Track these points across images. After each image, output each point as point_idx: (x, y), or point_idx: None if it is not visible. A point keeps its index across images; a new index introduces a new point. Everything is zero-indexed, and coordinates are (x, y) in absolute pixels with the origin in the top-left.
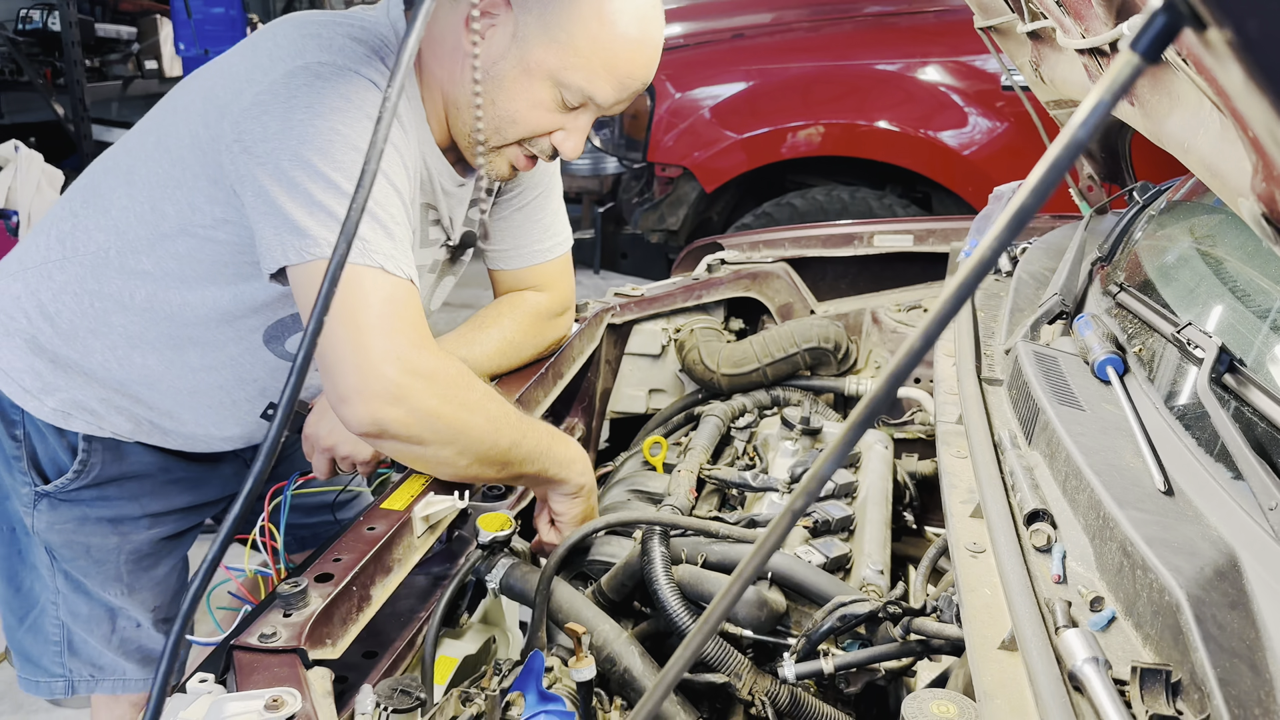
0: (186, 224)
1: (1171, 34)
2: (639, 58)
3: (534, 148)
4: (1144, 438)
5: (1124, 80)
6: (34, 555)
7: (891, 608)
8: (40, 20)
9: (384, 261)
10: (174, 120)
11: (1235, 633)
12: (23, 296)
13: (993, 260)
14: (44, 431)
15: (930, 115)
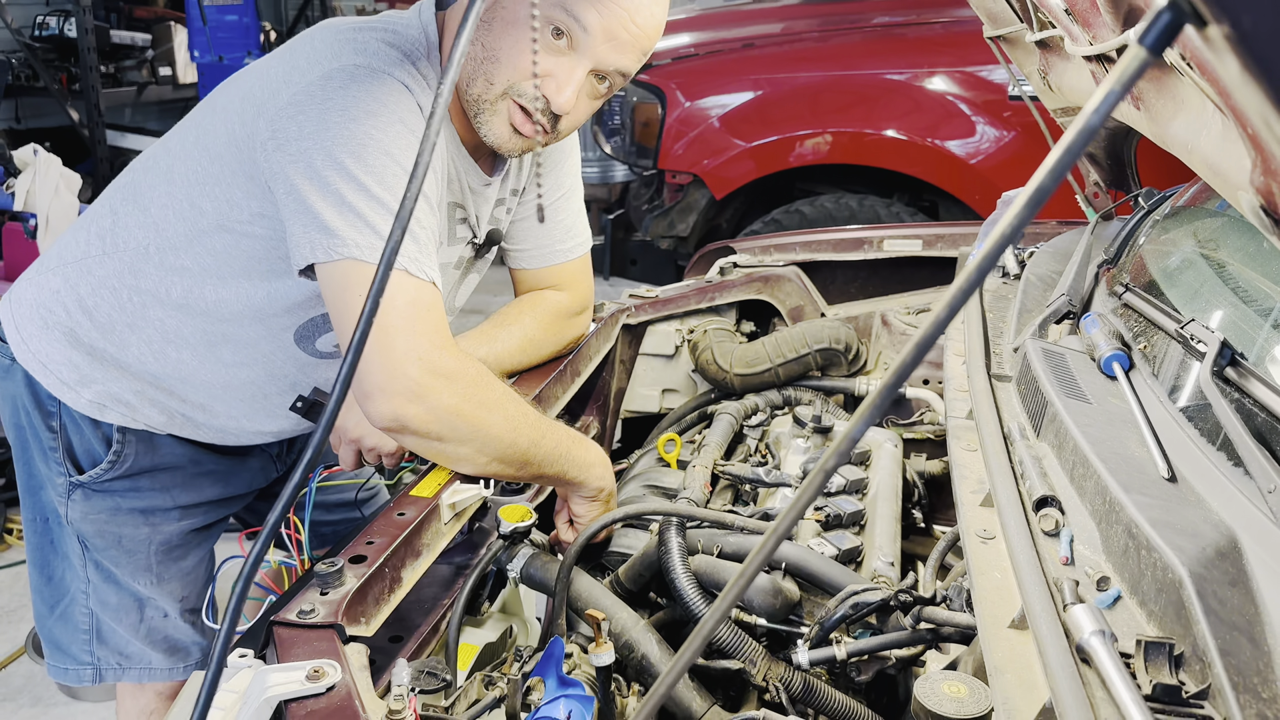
0: (224, 220)
1: (1176, 29)
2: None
3: (521, 97)
4: (1148, 428)
5: (1133, 72)
6: (66, 545)
7: (903, 596)
8: (57, 26)
9: (408, 264)
10: (212, 120)
11: (1235, 608)
12: (62, 290)
13: (1015, 234)
14: (80, 423)
15: (938, 124)
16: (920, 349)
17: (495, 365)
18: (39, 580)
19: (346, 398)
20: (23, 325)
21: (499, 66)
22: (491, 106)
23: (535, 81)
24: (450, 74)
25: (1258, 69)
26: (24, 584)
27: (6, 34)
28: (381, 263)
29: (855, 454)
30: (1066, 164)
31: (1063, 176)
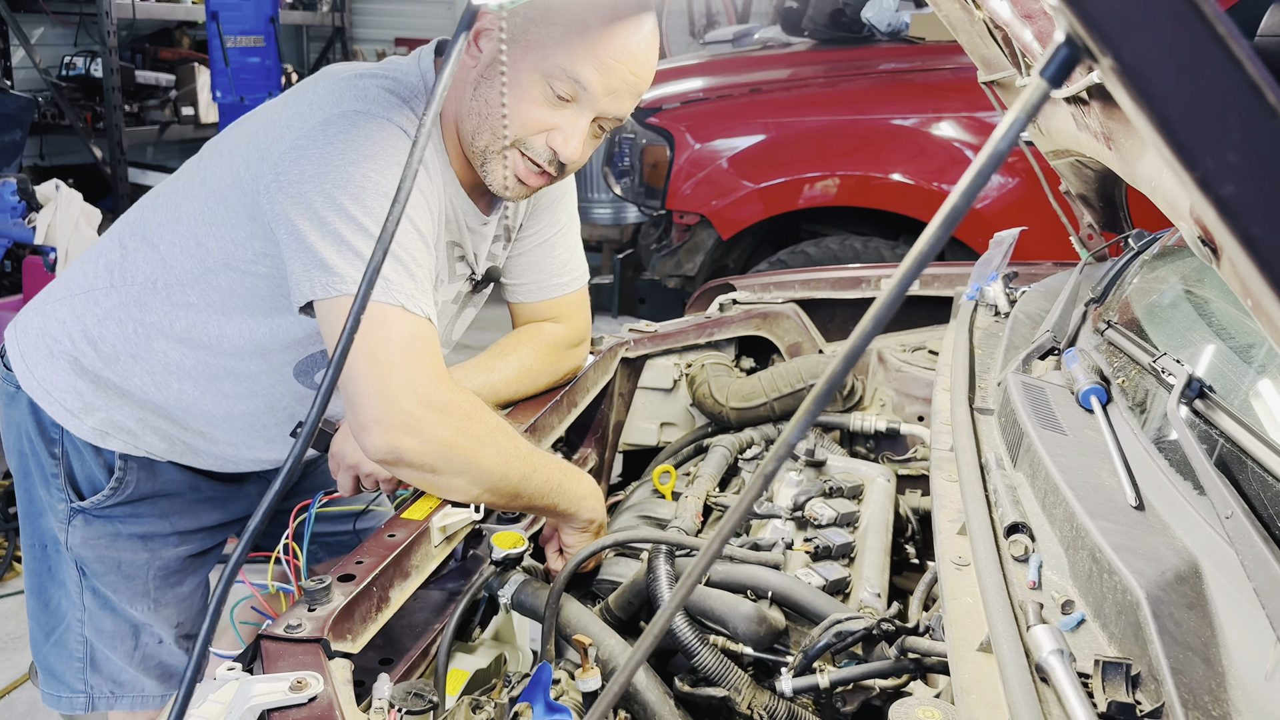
0: (229, 258)
1: (1073, 63)
2: (622, 44)
3: (530, 151)
4: (1119, 457)
5: (1035, 101)
6: (64, 572)
7: (885, 625)
8: (83, 66)
9: (404, 300)
10: (218, 161)
11: (1191, 629)
12: (68, 321)
13: (933, 250)
14: (81, 450)
15: (944, 169)
16: (849, 359)
17: (491, 395)
18: (36, 606)
19: (347, 425)
20: (28, 353)
21: (505, 123)
22: (499, 158)
23: (544, 137)
24: (432, 109)
25: (1140, 98)
26: None
27: (35, 73)
28: (361, 286)
29: (847, 488)
30: (978, 185)
31: (974, 198)
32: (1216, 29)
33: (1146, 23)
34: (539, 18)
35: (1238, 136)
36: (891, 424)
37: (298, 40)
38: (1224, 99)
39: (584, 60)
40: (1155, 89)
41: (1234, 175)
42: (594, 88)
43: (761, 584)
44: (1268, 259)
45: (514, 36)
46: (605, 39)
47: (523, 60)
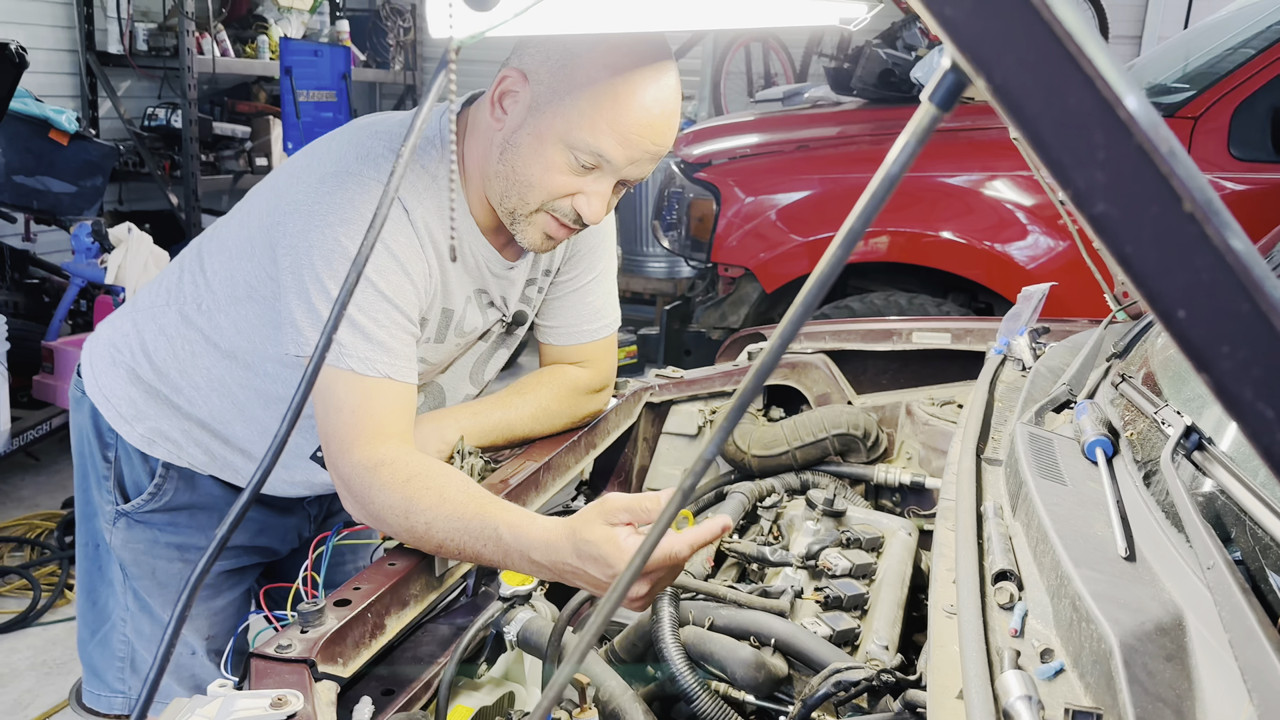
0: (253, 291)
1: (959, 88)
2: (645, 117)
3: (556, 213)
4: (1115, 506)
5: (926, 126)
6: (111, 571)
7: (885, 676)
8: (165, 118)
9: (354, 364)
10: (254, 201)
11: (1166, 681)
12: (130, 333)
13: (832, 274)
14: (131, 455)
15: (994, 228)
16: (748, 393)
17: (508, 430)
18: (85, 605)
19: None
20: (95, 361)
21: (532, 190)
22: (527, 219)
23: (569, 201)
24: (394, 179)
25: (1015, 118)
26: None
27: (119, 124)
28: (310, 362)
29: (866, 540)
30: (873, 210)
31: (870, 222)
32: (1069, 48)
33: (1011, 46)
34: (562, 88)
35: (1103, 155)
36: (917, 477)
37: (370, 97)
38: (1087, 118)
39: (606, 135)
40: (1026, 109)
41: (1102, 193)
42: (617, 160)
43: (765, 630)
44: (1140, 276)
45: (537, 105)
46: (627, 113)
47: (547, 130)
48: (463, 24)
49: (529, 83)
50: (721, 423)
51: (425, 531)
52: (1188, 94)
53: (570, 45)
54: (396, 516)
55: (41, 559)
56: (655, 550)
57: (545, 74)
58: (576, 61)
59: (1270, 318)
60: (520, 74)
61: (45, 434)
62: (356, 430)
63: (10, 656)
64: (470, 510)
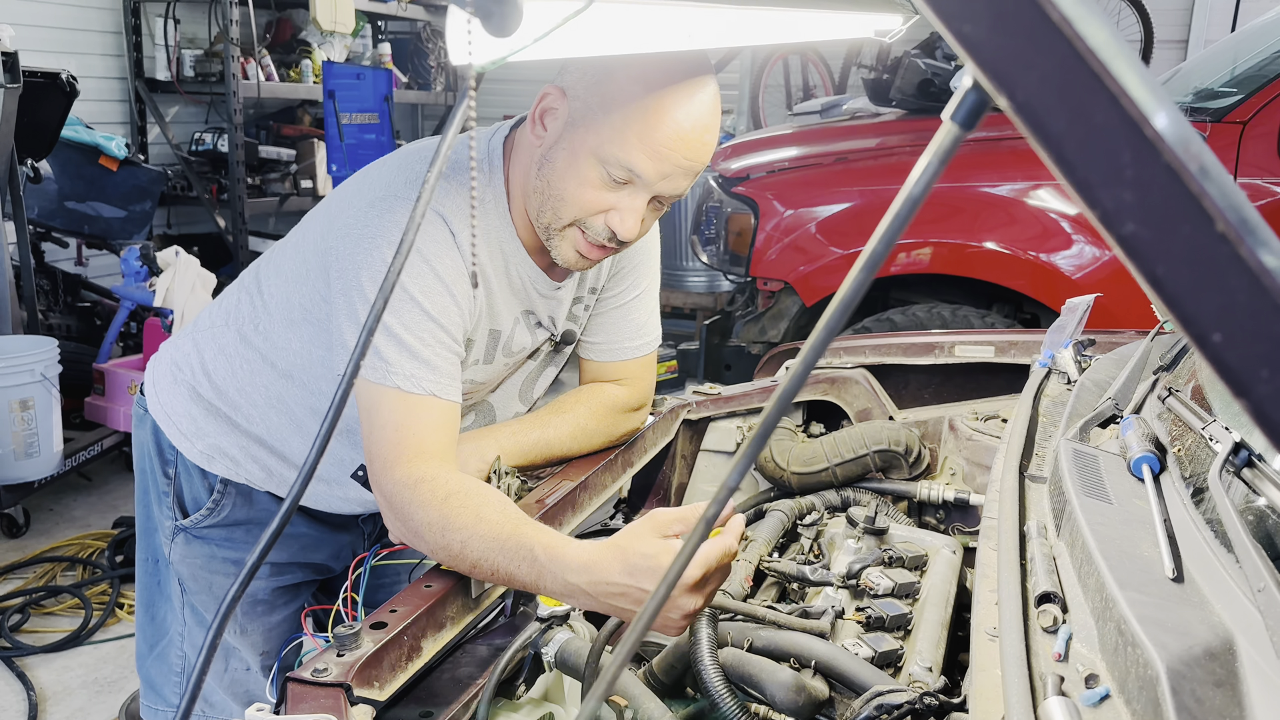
0: (307, 314)
1: (981, 107)
2: (676, 131)
3: (588, 230)
4: (1162, 526)
5: (948, 147)
6: (170, 586)
7: (929, 699)
8: (211, 142)
9: (400, 381)
10: (309, 226)
11: (1215, 708)
12: (191, 353)
13: (856, 296)
14: (191, 471)
15: (1038, 238)
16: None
17: (546, 449)
18: (144, 619)
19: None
20: (158, 380)
21: (565, 204)
22: (560, 234)
23: (602, 217)
24: (430, 184)
25: (1039, 137)
26: (128, 656)
27: (167, 149)
28: (344, 378)
29: (909, 558)
30: (896, 231)
31: (893, 244)
32: (1092, 65)
33: (1033, 63)
34: (596, 104)
35: (1131, 174)
36: (960, 494)
37: (413, 118)
38: (1113, 136)
39: (637, 149)
40: (1050, 128)
41: (1131, 213)
42: (648, 174)
43: (805, 652)
44: (1173, 299)
45: (573, 120)
46: (659, 127)
47: (581, 145)
48: (482, 50)
49: (567, 99)
50: (745, 449)
51: (460, 550)
52: (1236, 98)
53: (609, 62)
54: (434, 534)
55: (93, 578)
56: (712, 550)
57: (582, 90)
58: (611, 77)
59: None
60: (560, 91)
61: (97, 455)
62: (400, 447)
63: (63, 675)
64: (506, 530)
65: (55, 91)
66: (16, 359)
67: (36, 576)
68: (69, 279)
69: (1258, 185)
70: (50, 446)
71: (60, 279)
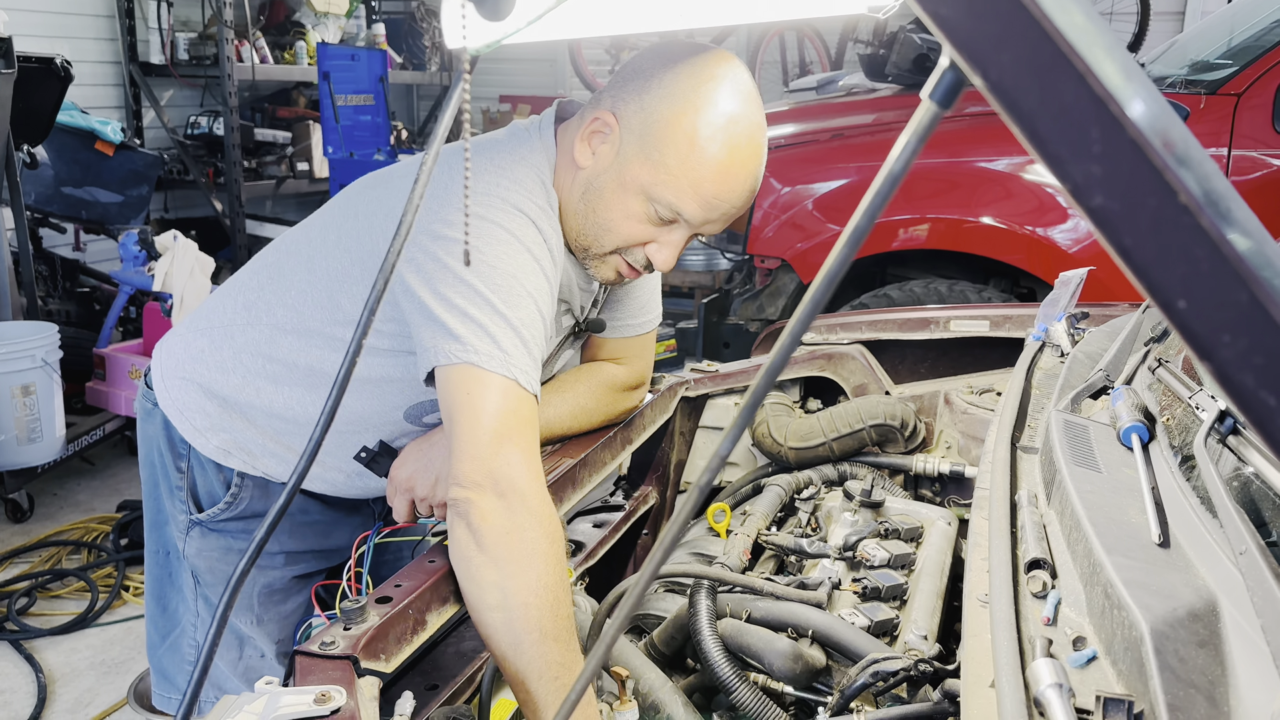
0: (358, 317)
1: (958, 86)
2: (727, 182)
3: (629, 258)
4: (1149, 493)
5: (927, 124)
6: (182, 578)
7: (924, 666)
8: (207, 126)
9: (519, 375)
10: (356, 225)
11: (1198, 667)
12: (207, 350)
13: (841, 268)
14: (205, 466)
15: (1035, 213)
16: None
17: (546, 429)
18: (155, 610)
19: (405, 451)
20: (168, 375)
21: (609, 234)
22: (601, 259)
23: (642, 249)
24: (427, 165)
25: (1012, 114)
26: (135, 638)
27: (163, 133)
28: (350, 350)
29: (905, 530)
30: (878, 207)
31: (875, 218)
32: (1060, 45)
33: (1005, 44)
34: (651, 142)
35: (1098, 149)
36: (956, 467)
37: (408, 98)
38: (1082, 113)
39: (690, 197)
40: (1022, 105)
41: (1101, 186)
42: (695, 220)
43: (802, 622)
44: (1140, 268)
45: (625, 152)
46: (711, 179)
47: (632, 180)
48: (476, 34)
49: (620, 128)
50: (737, 418)
51: (530, 578)
52: (1230, 70)
53: (664, 97)
54: (521, 535)
55: (99, 561)
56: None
57: (636, 123)
58: (668, 115)
59: (1268, 307)
60: (614, 118)
61: (99, 439)
62: (510, 434)
63: (70, 657)
64: (569, 608)
65: (50, 76)
66: (17, 344)
67: (42, 560)
68: (67, 264)
69: (1253, 157)
70: (53, 431)
71: (59, 264)
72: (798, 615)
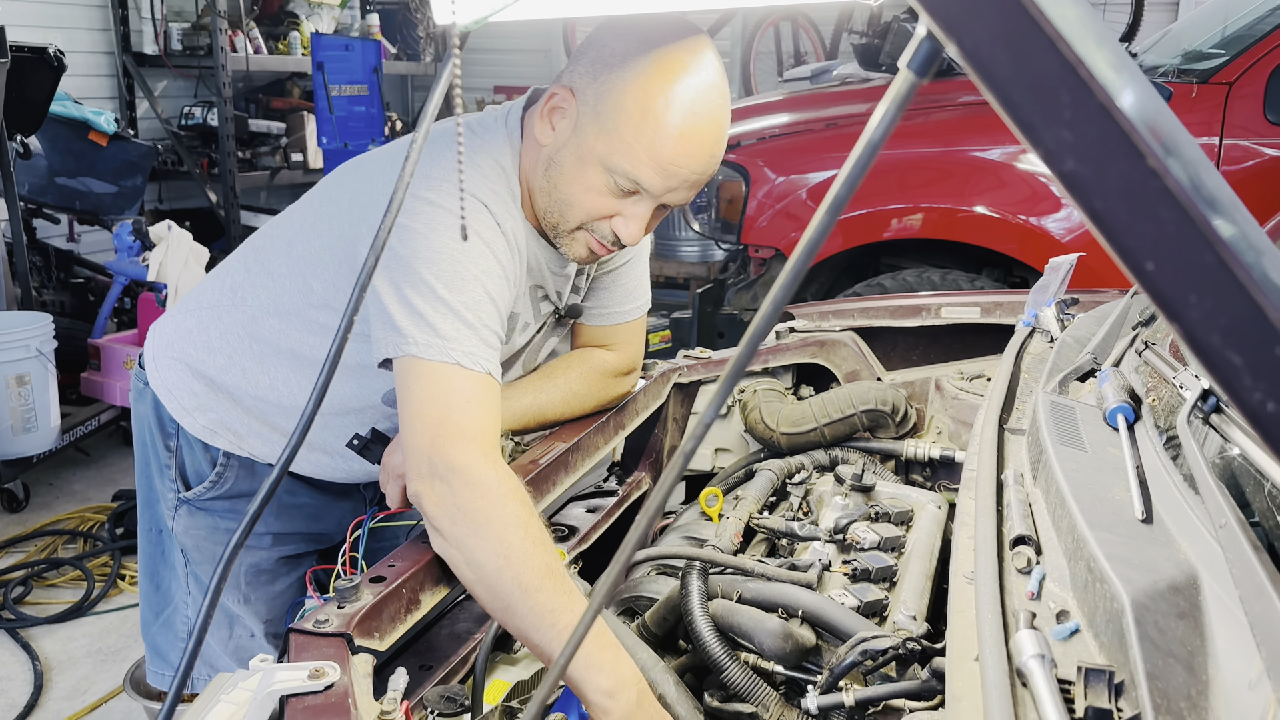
0: (330, 300)
1: (935, 55)
2: (683, 147)
3: (595, 233)
4: (1134, 471)
5: (905, 93)
6: (174, 556)
7: (911, 645)
8: (201, 116)
9: (461, 358)
10: (328, 209)
11: (1177, 638)
12: (195, 330)
13: (822, 235)
14: (193, 445)
15: (1028, 201)
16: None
17: (538, 415)
18: (148, 588)
19: (397, 438)
20: (159, 355)
21: (571, 209)
22: (569, 235)
23: (607, 222)
24: (417, 145)
25: (986, 81)
26: (131, 626)
27: (157, 124)
28: (337, 336)
29: (895, 513)
30: (857, 175)
31: (855, 187)
32: (1030, 12)
33: (978, 12)
34: (605, 111)
35: (1069, 115)
36: (946, 451)
37: (402, 89)
38: (1053, 79)
39: (645, 164)
40: (996, 73)
41: (1071, 151)
42: (654, 188)
43: (792, 602)
44: (1109, 231)
45: (581, 125)
46: (666, 144)
47: (589, 152)
48: (465, 9)
49: (576, 101)
50: (721, 384)
51: (493, 549)
52: (1222, 59)
53: (617, 66)
54: (476, 514)
55: (94, 550)
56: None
57: (591, 95)
58: (621, 85)
59: (1233, 268)
60: (569, 91)
61: (94, 429)
62: (452, 421)
63: (67, 645)
64: (554, 567)
65: (43, 66)
66: (12, 335)
67: (38, 550)
68: (61, 255)
69: (1244, 146)
70: (48, 421)
71: (53, 255)
72: (788, 596)
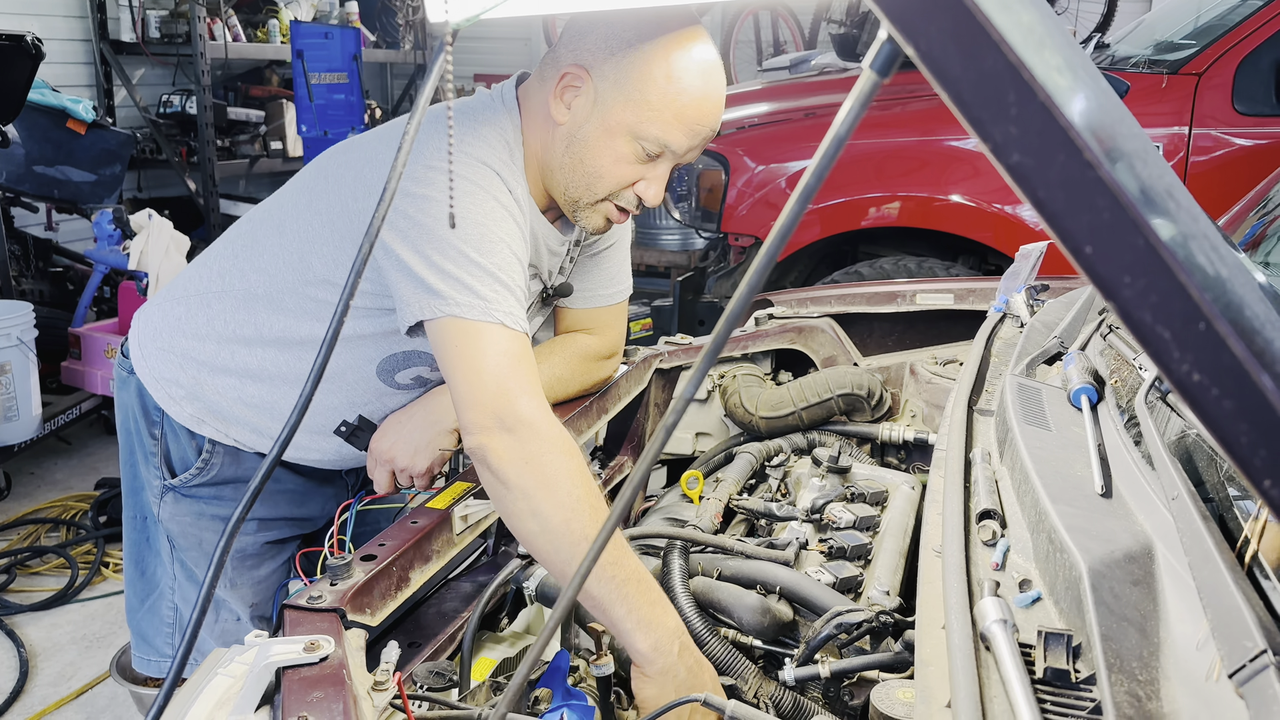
0: (329, 275)
1: (895, 56)
2: (704, 106)
3: (620, 200)
4: (1095, 448)
5: (867, 92)
6: (159, 542)
7: (885, 618)
8: (179, 104)
9: (503, 318)
10: (325, 186)
11: (1131, 603)
12: (183, 318)
13: (794, 221)
14: (178, 432)
15: (1003, 190)
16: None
17: None
18: (133, 574)
19: (385, 424)
20: (144, 343)
21: (600, 180)
22: (592, 208)
23: (633, 190)
24: (410, 135)
25: (940, 80)
26: (116, 612)
27: (135, 112)
28: (338, 309)
29: (870, 494)
30: (824, 168)
31: (823, 178)
32: (978, 17)
33: (932, 17)
34: (627, 83)
35: (1015, 111)
36: (920, 434)
37: (382, 77)
38: (1000, 79)
39: (675, 127)
40: (948, 72)
41: (1017, 145)
42: (680, 148)
43: (770, 579)
44: (1052, 217)
45: (603, 99)
46: (691, 104)
47: (617, 124)
48: (459, 7)
49: (592, 78)
50: (699, 362)
51: (560, 498)
52: (1192, 50)
53: (635, 42)
54: (542, 464)
55: (77, 538)
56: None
57: (609, 69)
58: (644, 57)
59: (1160, 251)
60: (583, 70)
61: (75, 418)
62: (508, 374)
63: (52, 632)
64: (604, 513)
65: (20, 54)
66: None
67: (20, 538)
68: (40, 244)
69: (1214, 136)
70: (29, 410)
71: (31, 244)
72: (766, 573)
